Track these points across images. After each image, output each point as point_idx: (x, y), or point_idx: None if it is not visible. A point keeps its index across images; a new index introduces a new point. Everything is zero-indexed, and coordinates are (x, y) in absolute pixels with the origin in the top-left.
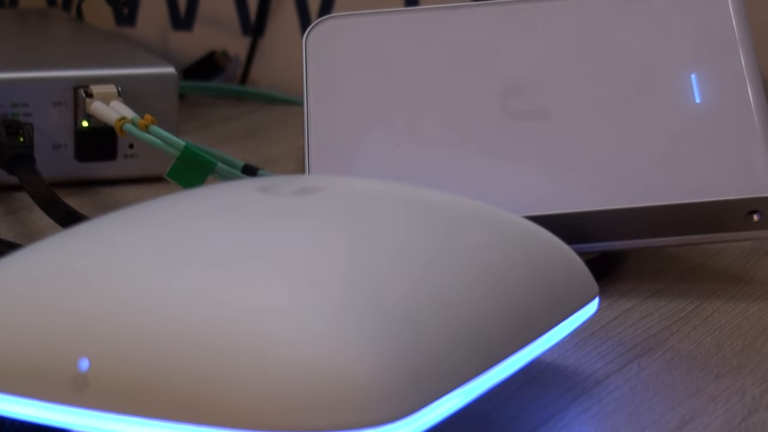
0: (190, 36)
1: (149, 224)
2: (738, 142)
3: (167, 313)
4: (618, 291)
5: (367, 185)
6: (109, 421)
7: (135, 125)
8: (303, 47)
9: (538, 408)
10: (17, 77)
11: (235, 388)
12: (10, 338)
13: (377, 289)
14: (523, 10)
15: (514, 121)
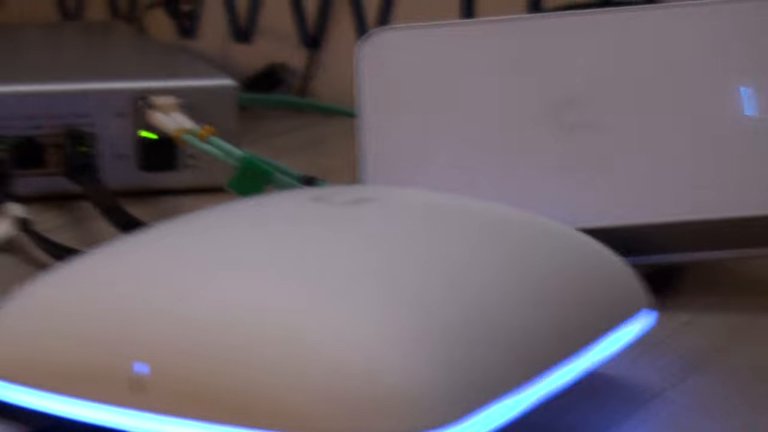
0: (250, 48)
1: (206, 232)
2: None
3: (221, 319)
4: (676, 304)
5: (418, 196)
6: (164, 423)
7: (195, 136)
8: (356, 59)
9: (596, 419)
10: (80, 88)
11: (287, 395)
12: (70, 343)
13: (424, 298)
14: (576, 23)
15: (569, 134)
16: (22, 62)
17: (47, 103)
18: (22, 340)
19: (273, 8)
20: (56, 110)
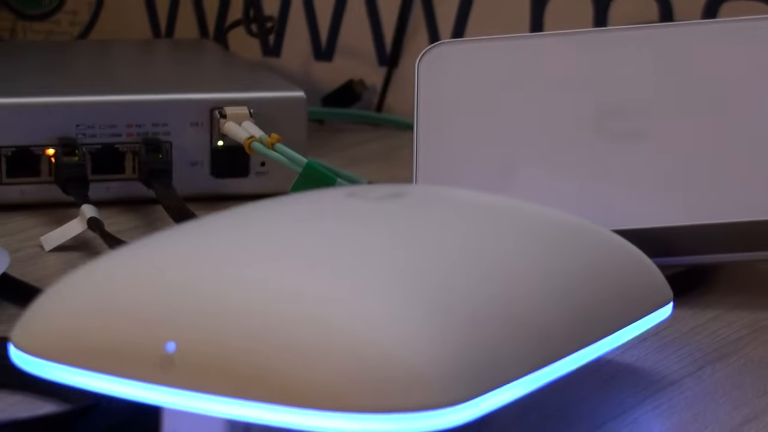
0: (330, 66)
1: (241, 224)
2: None
3: (245, 302)
4: (703, 302)
5: (448, 192)
6: (191, 398)
7: (262, 143)
8: (415, 71)
9: (612, 404)
10: (158, 99)
11: (308, 372)
12: (107, 325)
13: (442, 284)
14: (616, 38)
15: (608, 141)
16: (111, 75)
17: (127, 113)
18: (64, 324)
19: (352, 28)
20: (135, 119)
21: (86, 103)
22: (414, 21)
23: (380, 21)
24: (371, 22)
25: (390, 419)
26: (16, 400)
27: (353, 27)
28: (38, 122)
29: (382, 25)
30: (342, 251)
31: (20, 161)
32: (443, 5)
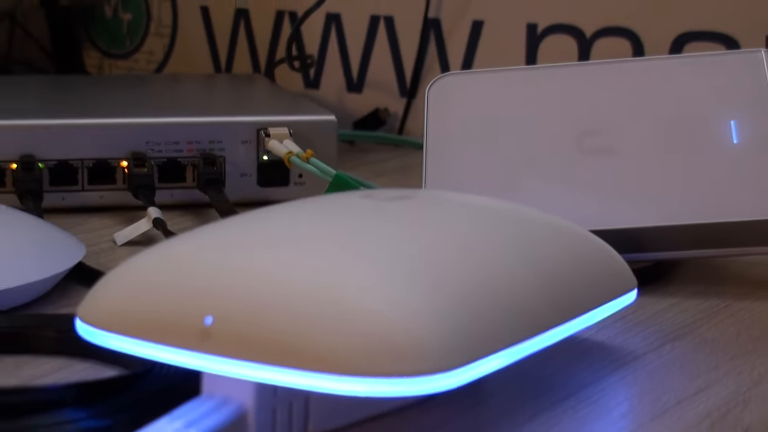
0: (360, 96)
1: (272, 217)
2: (766, 173)
3: (272, 281)
4: (665, 291)
5: (448, 195)
6: (226, 364)
7: (299, 158)
8: (425, 98)
9: (585, 375)
10: (214, 121)
11: (325, 341)
12: (156, 301)
13: (442, 268)
14: (596, 70)
15: (587, 156)
16: (177, 102)
17: (188, 132)
18: (120, 300)
19: (378, 66)
20: (195, 137)
21: (155, 123)
22: (429, 60)
23: (401, 60)
24: (394, 61)
25: (395, 382)
26: (83, 366)
27: (379, 64)
28: (115, 139)
29: (403, 63)
30: (355, 241)
31: (99, 171)
32: (453, 47)
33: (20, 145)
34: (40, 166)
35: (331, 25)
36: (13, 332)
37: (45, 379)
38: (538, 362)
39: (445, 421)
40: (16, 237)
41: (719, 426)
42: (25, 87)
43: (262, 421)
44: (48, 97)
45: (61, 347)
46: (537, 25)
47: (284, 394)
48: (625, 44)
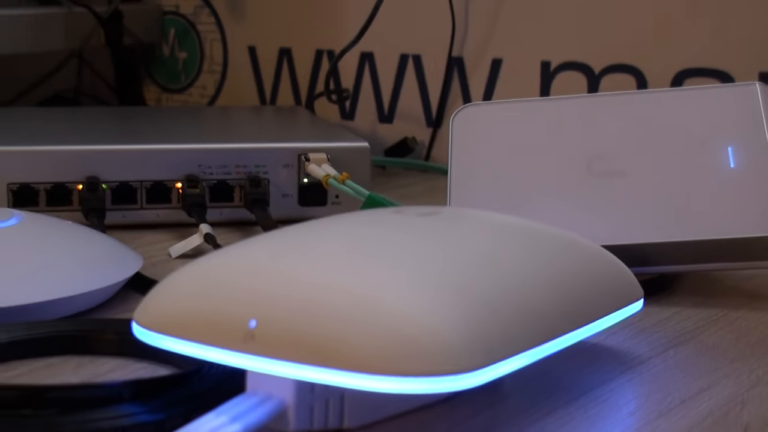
0: (390, 126)
1: (313, 230)
2: (761, 195)
3: (310, 289)
4: (668, 301)
5: (471, 212)
6: (268, 364)
7: (336, 180)
8: (450, 126)
9: (595, 376)
10: (260, 147)
11: (360, 345)
12: (204, 305)
13: (465, 278)
14: (604, 101)
15: (597, 179)
16: (226, 130)
17: (236, 157)
18: (174, 306)
19: (407, 98)
20: (242, 161)
21: (207, 149)
22: (453, 94)
23: (428, 93)
24: (421, 95)
25: (424, 381)
26: (140, 366)
27: (408, 98)
28: (171, 163)
29: (429, 97)
30: (388, 252)
31: (156, 192)
32: (475, 82)
33: (86, 168)
34: (103, 186)
35: (364, 63)
36: (78, 335)
37: (105, 377)
38: (553, 364)
39: (469, 416)
40: (81, 250)
41: (720, 424)
42: (92, 117)
43: (300, 416)
44: (111, 126)
45: (120, 349)
46: (550, 62)
47: (321, 391)
48: (630, 80)
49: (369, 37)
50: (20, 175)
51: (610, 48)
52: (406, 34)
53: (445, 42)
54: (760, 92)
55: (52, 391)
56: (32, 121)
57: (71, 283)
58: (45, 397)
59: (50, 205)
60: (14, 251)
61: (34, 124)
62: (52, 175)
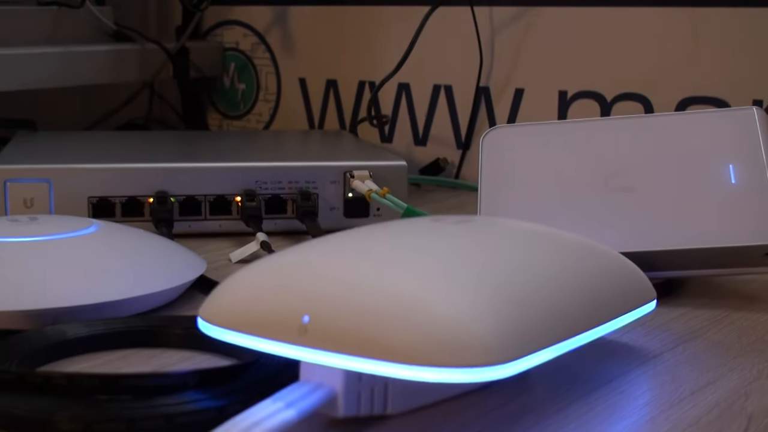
0: (424, 149)
1: (361, 236)
2: (759, 207)
3: (359, 287)
4: (676, 302)
5: (501, 220)
6: (320, 355)
7: (378, 194)
8: (480, 145)
9: (614, 369)
10: (310, 165)
11: (404, 339)
12: (261, 302)
13: (498, 279)
14: (618, 124)
15: (612, 193)
16: (279, 150)
17: (289, 173)
18: (234, 303)
19: (439, 124)
20: (294, 178)
21: (263, 167)
22: (480, 119)
23: (458, 119)
24: (452, 120)
25: (461, 372)
26: (204, 357)
27: (440, 123)
28: (231, 179)
29: (459, 122)
30: (428, 254)
31: (218, 205)
32: (499, 109)
33: (156, 184)
34: (172, 200)
35: (402, 92)
36: (149, 330)
37: (173, 367)
38: (575, 358)
39: (500, 405)
40: (152, 255)
41: (727, 414)
42: (161, 140)
43: (349, 402)
44: (179, 147)
45: (186, 342)
46: (567, 91)
47: (367, 380)
48: (639, 107)
49: (405, 69)
50: (99, 190)
51: (621, 78)
52: (439, 67)
53: (473, 74)
54: (757, 116)
55: (126, 380)
56: (109, 143)
57: (143, 283)
58: (120, 385)
59: (125, 216)
60: (93, 256)
61: (111, 145)
62: (127, 190)
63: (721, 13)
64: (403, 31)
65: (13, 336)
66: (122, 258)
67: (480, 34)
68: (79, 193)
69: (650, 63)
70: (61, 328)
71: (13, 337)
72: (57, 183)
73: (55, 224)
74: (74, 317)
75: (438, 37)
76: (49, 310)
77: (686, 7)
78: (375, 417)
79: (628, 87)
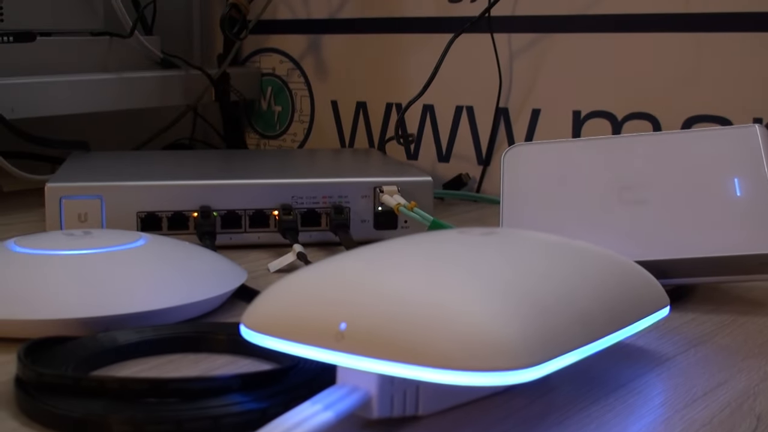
0: (447, 165)
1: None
2: (761, 218)
3: (393, 296)
4: (685, 308)
5: (524, 232)
6: (356, 360)
7: (405, 208)
8: (501, 163)
9: (630, 371)
10: (342, 181)
11: (435, 345)
12: (300, 310)
13: (524, 287)
14: (631, 141)
15: (626, 205)
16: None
17: (323, 189)
18: (275, 311)
19: (461, 142)
20: (328, 193)
21: (298, 183)
22: (499, 138)
23: (479, 138)
24: (473, 139)
25: (489, 375)
26: (246, 362)
27: (462, 141)
28: (269, 194)
29: (480, 141)
30: (458, 264)
31: (257, 218)
32: (518, 128)
33: (200, 199)
34: (214, 214)
35: (426, 113)
36: (195, 336)
37: (217, 371)
38: (593, 361)
39: (525, 405)
40: (196, 266)
41: (737, 413)
42: (204, 158)
43: (382, 404)
44: (220, 165)
45: (230, 347)
46: (581, 111)
47: (400, 383)
48: (648, 125)
49: (430, 92)
50: (147, 205)
51: (630, 99)
52: (461, 90)
53: (493, 95)
54: (760, 133)
55: (174, 383)
56: (156, 162)
57: (189, 292)
58: (169, 388)
59: (171, 230)
60: (142, 267)
61: (158, 164)
62: (173, 205)
63: (723, 38)
64: (427, 57)
65: (69, 342)
66: (169, 269)
67: (499, 59)
68: (128, 208)
69: (658, 84)
70: (113, 334)
71: (69, 343)
72: (108, 199)
73: (107, 238)
74: (125, 324)
75: (460, 62)
76: (102, 318)
77: (691, 33)
78: (407, 418)
79: (638, 107)
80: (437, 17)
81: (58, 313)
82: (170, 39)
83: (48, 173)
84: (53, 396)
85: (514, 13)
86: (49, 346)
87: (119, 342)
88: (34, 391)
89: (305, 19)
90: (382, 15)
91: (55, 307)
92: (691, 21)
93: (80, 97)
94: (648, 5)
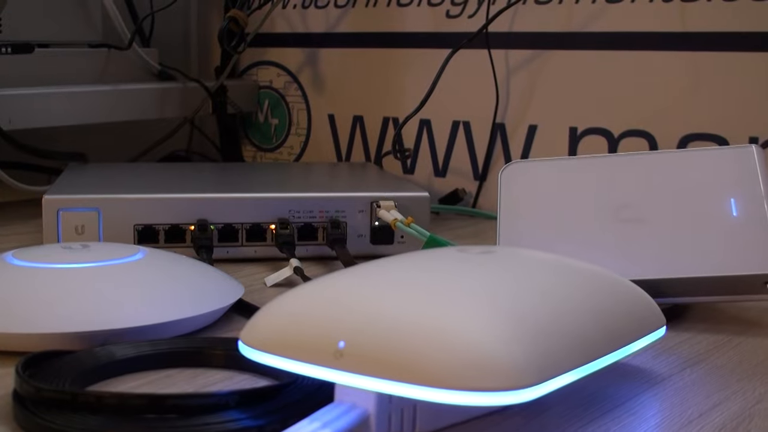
0: (444, 180)
1: (389, 265)
2: (757, 238)
3: (390, 315)
4: (681, 327)
5: (521, 251)
6: (354, 378)
7: (402, 223)
8: (498, 180)
9: (625, 391)
10: (339, 195)
11: (432, 364)
12: (299, 327)
13: (522, 308)
14: (627, 160)
15: (622, 224)
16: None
17: (320, 203)
18: (273, 327)
19: (458, 157)
20: (325, 207)
21: (295, 197)
22: (496, 153)
23: (475, 153)
24: (469, 154)
25: (486, 395)
26: (243, 378)
27: (458, 156)
28: (266, 208)
29: (476, 156)
30: (455, 283)
31: (254, 232)
32: (514, 144)
33: (197, 212)
34: (211, 227)
35: (423, 128)
36: (191, 351)
37: (215, 386)
38: (589, 380)
39: (521, 425)
40: (194, 279)
41: None
42: (201, 171)
43: (380, 423)
44: (217, 178)
45: (227, 363)
46: (577, 128)
47: (398, 402)
48: (643, 143)
49: (427, 107)
50: (144, 218)
51: (627, 116)
52: (458, 105)
53: (489, 111)
54: (756, 153)
55: (172, 399)
56: (153, 174)
57: (186, 306)
58: (167, 404)
59: (168, 243)
60: (140, 281)
61: (155, 177)
62: (170, 218)
63: (719, 57)
64: (425, 72)
65: (66, 356)
66: (167, 283)
67: (496, 75)
68: (126, 221)
69: (654, 102)
70: (110, 349)
71: (66, 357)
72: (106, 212)
73: (106, 251)
74: (122, 338)
75: (457, 78)
76: (99, 332)
77: (687, 52)
78: None
79: (634, 124)
80: (435, 32)
81: (55, 327)
82: (168, 51)
83: (45, 184)
84: (51, 411)
85: (511, 30)
86: (47, 360)
87: (116, 356)
88: (32, 406)
89: (303, 32)
90: (380, 29)
91: (52, 321)
92: (688, 40)
93: (78, 109)
94: (645, 24)
